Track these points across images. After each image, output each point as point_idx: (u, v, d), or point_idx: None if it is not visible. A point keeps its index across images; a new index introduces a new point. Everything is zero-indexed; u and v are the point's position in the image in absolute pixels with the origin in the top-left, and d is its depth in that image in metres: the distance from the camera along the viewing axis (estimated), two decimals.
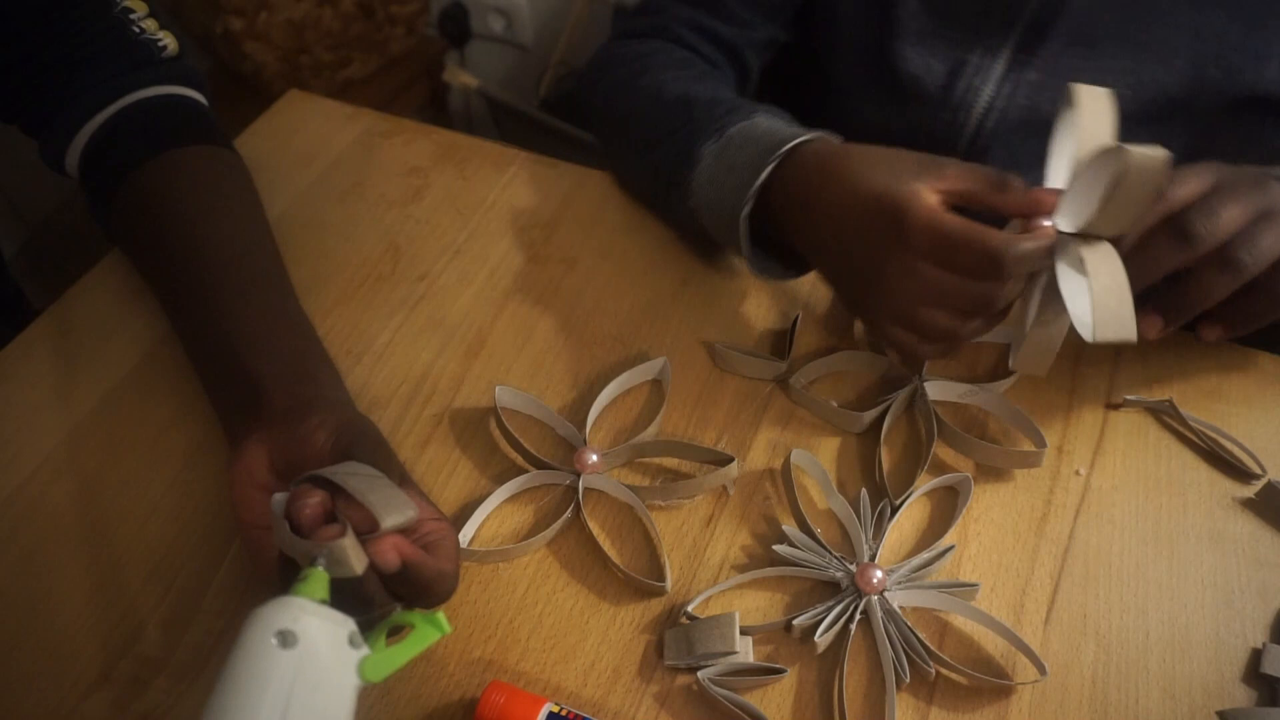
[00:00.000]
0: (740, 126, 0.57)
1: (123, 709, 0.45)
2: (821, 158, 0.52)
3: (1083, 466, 0.53)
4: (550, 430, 0.55)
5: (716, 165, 0.56)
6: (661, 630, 0.47)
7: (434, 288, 0.63)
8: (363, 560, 0.39)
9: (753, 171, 0.54)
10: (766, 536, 0.51)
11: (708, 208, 0.57)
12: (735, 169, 0.55)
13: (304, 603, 0.36)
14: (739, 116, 0.57)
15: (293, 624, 0.35)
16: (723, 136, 0.57)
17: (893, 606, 0.46)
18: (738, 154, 0.55)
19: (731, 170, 0.55)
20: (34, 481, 0.53)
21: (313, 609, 0.36)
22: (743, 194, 0.54)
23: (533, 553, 0.50)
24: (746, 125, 0.56)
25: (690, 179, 0.58)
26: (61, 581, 0.49)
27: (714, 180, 0.56)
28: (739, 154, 0.55)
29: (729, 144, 0.56)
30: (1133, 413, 0.56)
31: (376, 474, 0.41)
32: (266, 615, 0.35)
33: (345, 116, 0.74)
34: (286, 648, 0.34)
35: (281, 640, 0.34)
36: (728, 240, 0.57)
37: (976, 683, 0.45)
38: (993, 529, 0.51)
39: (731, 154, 0.56)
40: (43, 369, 0.58)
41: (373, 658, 0.37)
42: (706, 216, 0.58)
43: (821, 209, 0.51)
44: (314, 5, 1.44)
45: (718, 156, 0.57)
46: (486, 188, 0.69)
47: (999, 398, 0.55)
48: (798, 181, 0.52)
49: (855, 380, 0.58)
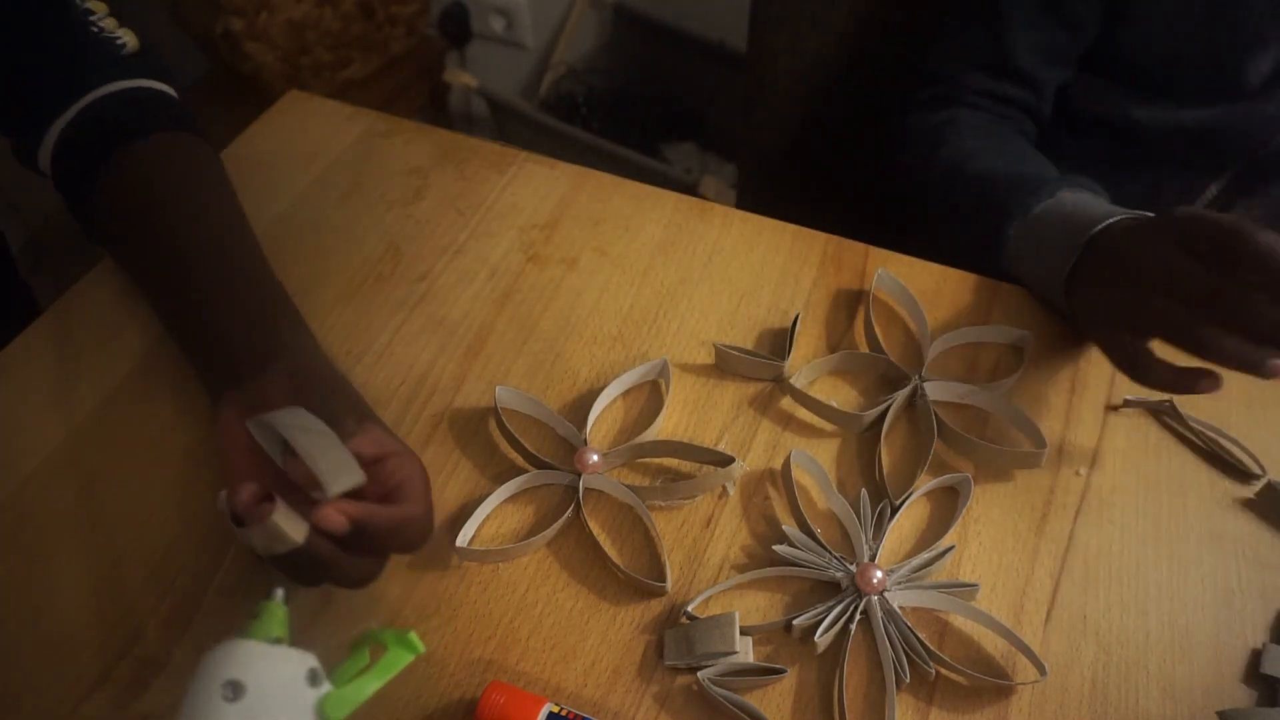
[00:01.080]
0: (1045, 206, 0.58)
1: (123, 709, 0.45)
2: (1121, 236, 0.52)
3: (1083, 466, 0.53)
4: (550, 430, 0.55)
5: (1025, 245, 0.59)
6: (661, 630, 0.47)
7: (434, 288, 0.63)
8: (301, 529, 0.38)
9: (1063, 254, 0.55)
10: (766, 536, 0.51)
11: (1027, 280, 0.60)
12: (1045, 249, 0.57)
13: (254, 647, 0.34)
14: (1045, 195, 0.59)
15: (240, 673, 0.33)
16: (1028, 217, 0.59)
17: (893, 606, 0.46)
18: (1045, 234, 0.57)
19: (1041, 251, 0.58)
20: (34, 481, 0.53)
21: (262, 653, 0.34)
22: (1058, 277, 0.56)
23: (533, 553, 0.50)
24: (1053, 204, 0.58)
25: (1002, 256, 0.61)
26: (61, 581, 0.49)
27: (1024, 257, 0.59)
28: (1046, 234, 0.57)
29: (1035, 224, 0.58)
30: (1133, 413, 0.56)
31: (324, 431, 0.40)
32: (214, 665, 0.34)
33: (345, 117, 0.74)
34: (235, 700, 0.33)
35: (230, 691, 0.33)
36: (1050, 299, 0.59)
37: (976, 683, 0.45)
38: (993, 529, 0.51)
39: (1040, 234, 0.58)
40: (43, 369, 0.58)
41: (335, 694, 0.35)
42: (1027, 283, 0.60)
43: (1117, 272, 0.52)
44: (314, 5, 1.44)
45: (1025, 238, 0.59)
46: (486, 188, 0.69)
47: (999, 398, 0.55)
48: (1101, 255, 0.53)
49: (855, 380, 0.58)
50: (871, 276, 0.61)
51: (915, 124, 0.74)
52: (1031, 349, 0.57)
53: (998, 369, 0.58)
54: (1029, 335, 0.57)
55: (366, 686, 0.37)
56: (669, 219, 0.67)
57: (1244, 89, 0.66)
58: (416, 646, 0.38)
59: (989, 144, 0.68)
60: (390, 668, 0.37)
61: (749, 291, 0.62)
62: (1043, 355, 0.58)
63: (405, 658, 0.38)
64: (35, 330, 0.60)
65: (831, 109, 0.91)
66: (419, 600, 0.48)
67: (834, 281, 0.63)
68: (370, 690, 0.37)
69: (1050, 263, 0.56)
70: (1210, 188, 0.71)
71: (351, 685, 0.36)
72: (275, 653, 0.35)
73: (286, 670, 0.35)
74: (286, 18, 1.41)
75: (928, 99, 0.75)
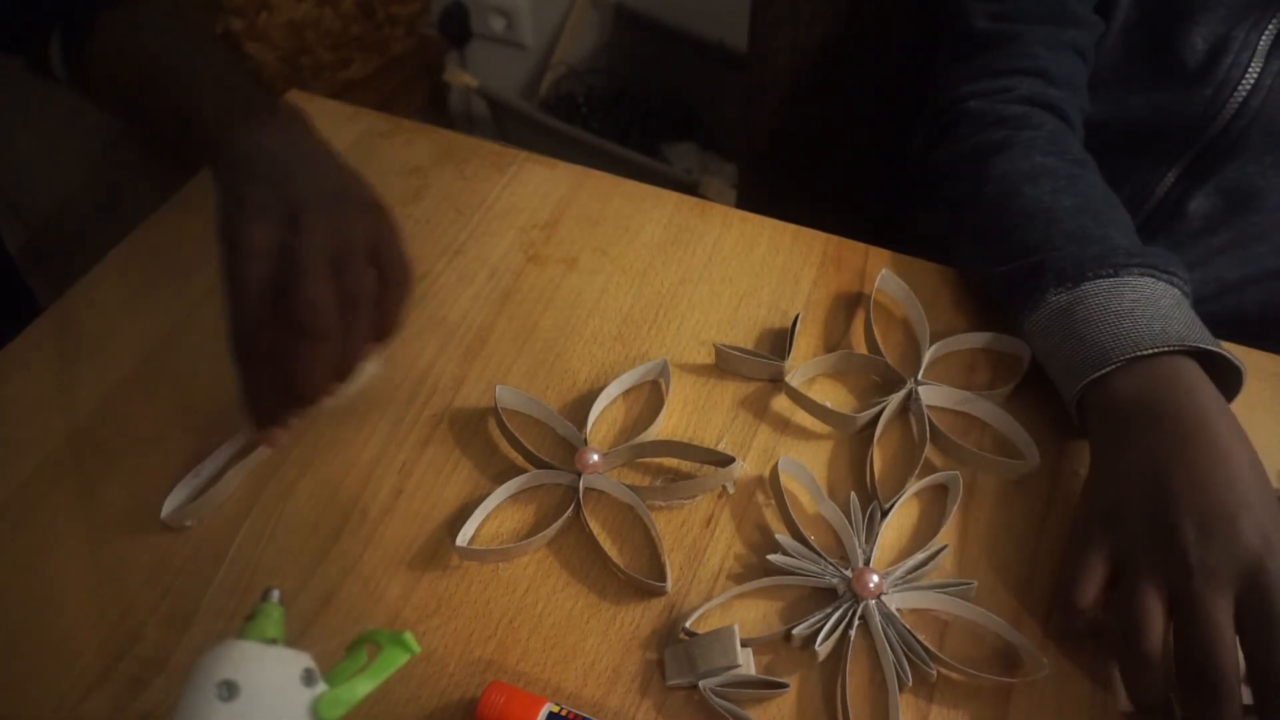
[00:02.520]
0: (1098, 285, 0.51)
1: (123, 709, 0.45)
2: (1180, 398, 0.46)
3: (1083, 466, 0.53)
4: (550, 430, 0.55)
5: (1059, 322, 0.52)
6: (661, 639, 0.47)
7: (434, 288, 0.63)
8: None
9: (1094, 363, 0.49)
10: (761, 545, 0.50)
11: (1039, 353, 0.54)
12: (1076, 342, 0.50)
13: (249, 648, 0.34)
14: (1105, 270, 0.51)
15: (234, 673, 0.33)
16: (1076, 289, 0.51)
17: (891, 610, 0.46)
18: (1085, 326, 0.50)
19: (1069, 339, 0.51)
20: (34, 481, 0.53)
21: (257, 653, 0.34)
22: (1072, 384, 0.50)
23: (533, 553, 0.50)
24: (1108, 286, 0.50)
25: (1026, 319, 0.54)
26: (61, 581, 0.49)
27: (1051, 334, 0.52)
28: (1086, 327, 0.50)
29: (1079, 303, 0.51)
30: None
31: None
32: (209, 665, 0.34)
33: (345, 116, 0.74)
34: (229, 700, 0.33)
35: (223, 692, 0.33)
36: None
37: (977, 682, 0.45)
38: (992, 529, 0.51)
39: (1079, 319, 0.50)
40: (43, 369, 0.58)
41: (330, 694, 0.35)
42: (1038, 354, 0.54)
43: (1141, 447, 0.46)
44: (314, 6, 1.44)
45: (1062, 313, 0.52)
46: (486, 188, 0.69)
47: (993, 406, 0.54)
48: (1133, 392, 0.48)
49: (852, 381, 0.58)
50: (872, 277, 0.61)
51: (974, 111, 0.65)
52: (1029, 358, 0.57)
53: (996, 375, 0.58)
54: (1028, 345, 0.57)
55: (361, 687, 0.36)
56: (669, 219, 0.67)
57: (1182, 71, 0.64)
58: (412, 647, 0.38)
59: (1058, 165, 0.59)
60: (385, 668, 0.37)
61: (749, 291, 0.62)
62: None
63: (400, 658, 0.37)
64: (35, 330, 0.60)
65: (832, 109, 0.91)
66: (419, 600, 0.48)
67: (834, 282, 0.63)
68: (364, 691, 0.36)
69: (1070, 365, 0.50)
70: (1167, 176, 0.69)
71: (346, 686, 0.36)
72: (270, 653, 0.35)
73: (281, 670, 0.35)
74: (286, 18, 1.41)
75: (992, 66, 0.66)
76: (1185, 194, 0.69)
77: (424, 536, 0.51)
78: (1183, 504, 0.43)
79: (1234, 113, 0.64)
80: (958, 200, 0.63)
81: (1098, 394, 0.50)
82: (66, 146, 1.31)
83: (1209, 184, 0.68)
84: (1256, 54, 0.63)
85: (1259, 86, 0.63)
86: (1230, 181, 0.67)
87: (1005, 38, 0.67)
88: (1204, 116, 0.65)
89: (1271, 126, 0.64)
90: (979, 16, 0.68)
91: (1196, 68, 0.64)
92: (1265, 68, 0.63)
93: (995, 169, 0.60)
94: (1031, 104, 0.64)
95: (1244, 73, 0.63)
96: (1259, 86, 0.63)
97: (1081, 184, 0.59)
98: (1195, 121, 0.66)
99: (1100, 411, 0.49)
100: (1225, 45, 0.63)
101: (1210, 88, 0.64)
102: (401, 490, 0.53)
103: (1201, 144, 0.67)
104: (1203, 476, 0.44)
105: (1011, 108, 0.64)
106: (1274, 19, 0.63)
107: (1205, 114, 0.65)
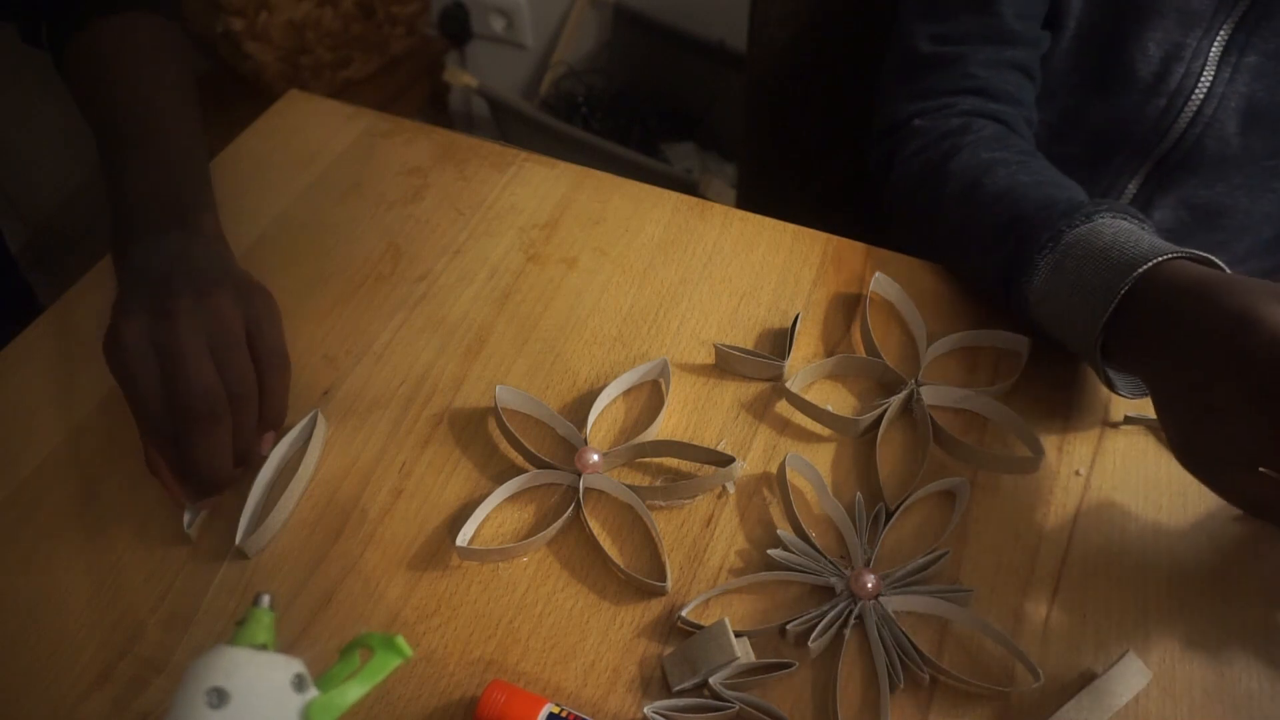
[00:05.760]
0: (1078, 233, 0.51)
1: (123, 709, 0.45)
2: (1179, 286, 0.46)
3: (1082, 467, 0.53)
4: (550, 430, 0.55)
5: (1056, 279, 0.51)
6: (662, 646, 0.47)
7: (434, 288, 0.63)
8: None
9: (1102, 296, 0.48)
10: (763, 541, 0.51)
11: (1053, 324, 0.53)
12: (1080, 288, 0.50)
13: (239, 654, 0.34)
14: (1078, 219, 0.51)
15: (224, 680, 0.33)
16: (1059, 244, 0.51)
17: (887, 612, 0.46)
18: (1080, 269, 0.50)
19: (1075, 289, 0.50)
20: (34, 481, 0.53)
21: (247, 659, 0.34)
22: (1093, 325, 0.49)
23: (533, 553, 0.50)
24: (1086, 231, 0.51)
25: (1028, 290, 0.53)
26: (61, 581, 0.49)
27: (1055, 294, 0.51)
28: (1082, 268, 0.50)
29: (1068, 254, 0.51)
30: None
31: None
32: (200, 671, 0.34)
33: (345, 116, 0.74)
34: (219, 707, 0.33)
35: (214, 699, 0.33)
36: (1083, 357, 0.52)
37: (973, 688, 0.45)
38: (992, 530, 0.51)
39: (1072, 269, 0.50)
40: (43, 369, 0.58)
41: (320, 700, 0.35)
42: (1054, 331, 0.53)
43: (1170, 338, 0.46)
44: (314, 5, 1.44)
45: (1056, 269, 0.51)
46: (486, 188, 0.69)
47: (995, 403, 0.54)
48: (1149, 306, 0.47)
49: (852, 384, 0.58)
50: (871, 277, 0.61)
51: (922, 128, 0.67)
52: (1029, 354, 0.57)
53: (997, 373, 0.58)
54: (1026, 340, 0.57)
55: (352, 692, 0.36)
56: (669, 219, 0.67)
57: (1136, 80, 0.64)
58: (404, 651, 0.37)
59: (1008, 155, 0.60)
60: (377, 673, 0.37)
61: (749, 291, 0.62)
62: (1042, 359, 0.57)
63: (392, 662, 0.37)
64: (35, 330, 0.60)
65: (832, 109, 0.91)
66: (419, 600, 0.48)
67: (834, 282, 0.63)
68: (355, 696, 0.36)
69: (1086, 302, 0.50)
70: (1129, 186, 0.69)
71: (337, 690, 0.36)
72: (260, 659, 0.35)
73: (271, 676, 0.34)
74: (286, 18, 1.41)
75: (933, 88, 0.68)
76: (1148, 204, 0.70)
77: (424, 537, 0.51)
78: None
79: (1189, 121, 0.65)
80: (925, 211, 0.64)
81: (1124, 323, 0.48)
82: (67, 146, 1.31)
83: (1171, 196, 0.68)
84: (1209, 62, 0.63)
85: (1211, 94, 0.63)
86: (1199, 199, 0.68)
87: (947, 60, 0.67)
88: (1159, 125, 0.66)
89: (1225, 133, 0.64)
90: (922, 39, 0.69)
91: (1151, 76, 0.64)
92: (1217, 75, 0.63)
93: (950, 172, 0.62)
94: (970, 115, 0.66)
95: (1196, 81, 0.63)
96: (1211, 94, 0.63)
97: (1033, 164, 0.60)
98: (1152, 130, 0.66)
99: (1134, 337, 0.48)
100: (1178, 53, 0.63)
101: (1164, 96, 0.64)
102: (401, 490, 0.53)
103: (1159, 152, 0.67)
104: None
105: (951, 121, 0.65)
106: (1224, 26, 0.63)
107: (1160, 122, 0.65)
